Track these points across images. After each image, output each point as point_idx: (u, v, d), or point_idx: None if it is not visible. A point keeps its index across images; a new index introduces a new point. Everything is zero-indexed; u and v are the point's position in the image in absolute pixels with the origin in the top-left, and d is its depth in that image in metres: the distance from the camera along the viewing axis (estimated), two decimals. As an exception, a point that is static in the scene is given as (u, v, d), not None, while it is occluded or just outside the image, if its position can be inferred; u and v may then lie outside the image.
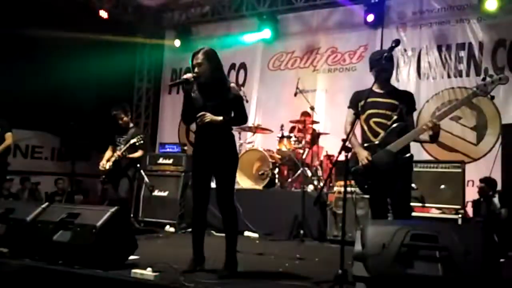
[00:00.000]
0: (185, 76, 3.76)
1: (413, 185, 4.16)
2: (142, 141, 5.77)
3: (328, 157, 7.13)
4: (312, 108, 7.24)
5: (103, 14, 8.99)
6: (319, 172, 7.06)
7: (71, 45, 8.37)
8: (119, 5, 9.44)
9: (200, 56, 3.75)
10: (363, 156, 3.74)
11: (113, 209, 3.80)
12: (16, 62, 7.86)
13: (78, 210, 3.86)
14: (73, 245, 3.65)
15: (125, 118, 6.04)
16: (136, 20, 9.78)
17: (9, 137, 6.47)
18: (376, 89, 3.81)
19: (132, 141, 5.75)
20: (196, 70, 3.74)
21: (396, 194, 3.72)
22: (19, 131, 7.57)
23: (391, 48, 3.74)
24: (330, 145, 7.29)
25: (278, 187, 6.98)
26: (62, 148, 9.11)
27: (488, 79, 3.57)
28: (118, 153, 5.77)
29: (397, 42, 3.76)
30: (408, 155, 3.74)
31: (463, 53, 7.59)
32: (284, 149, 7.12)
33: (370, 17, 8.02)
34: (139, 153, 5.95)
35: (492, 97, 3.70)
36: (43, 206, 3.98)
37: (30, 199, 8.40)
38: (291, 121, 7.55)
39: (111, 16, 9.16)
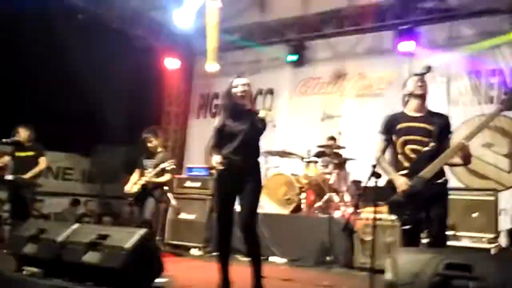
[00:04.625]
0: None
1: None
2: (173, 167, 5.83)
3: (356, 182, 7.05)
4: (339, 133, 7.21)
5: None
6: (346, 198, 6.98)
7: (103, 68, 8.59)
8: (152, 31, 9.69)
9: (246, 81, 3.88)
10: (402, 181, 3.56)
11: (141, 231, 3.82)
12: (49, 84, 8.09)
13: (107, 232, 3.89)
14: (102, 266, 3.67)
15: (154, 142, 6.12)
16: (167, 45, 10.00)
17: (43, 162, 6.63)
18: (410, 112, 3.71)
19: (162, 165, 5.81)
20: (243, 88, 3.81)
21: (432, 222, 3.55)
22: (50, 153, 7.72)
23: (423, 74, 3.71)
24: (357, 171, 7.21)
25: (305, 212, 6.92)
26: (92, 170, 9.27)
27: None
28: (148, 177, 5.83)
29: (428, 69, 3.70)
30: (442, 179, 3.60)
31: (494, 79, 7.49)
32: (311, 174, 7.07)
33: (402, 48, 7.95)
34: (167, 178, 6.01)
35: None
36: (74, 227, 4.03)
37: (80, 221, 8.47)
38: (318, 146, 7.52)
39: (143, 42, 9.39)
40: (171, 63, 10.19)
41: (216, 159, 3.79)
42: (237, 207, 3.88)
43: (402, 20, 8.04)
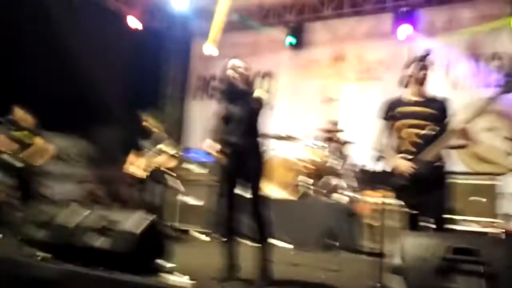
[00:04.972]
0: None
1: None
2: (181, 153, 5.84)
3: (359, 166, 7.07)
4: (334, 123, 7.19)
5: (132, 22, 9.13)
6: (352, 182, 6.98)
7: (99, 48, 8.50)
8: (148, 12, 9.58)
9: (241, 63, 3.88)
10: (406, 165, 3.60)
11: (151, 217, 3.87)
12: (45, 65, 7.99)
13: (117, 217, 3.92)
14: (113, 251, 3.72)
15: (150, 121, 6.12)
16: (164, 26, 9.91)
17: (49, 147, 6.60)
18: (410, 96, 3.74)
19: (171, 152, 5.82)
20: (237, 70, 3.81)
21: (436, 204, 3.59)
22: (55, 137, 7.67)
23: (422, 58, 3.72)
24: (356, 155, 7.27)
25: (312, 197, 6.91)
26: (97, 154, 9.20)
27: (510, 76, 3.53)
28: (156, 164, 5.83)
29: (427, 52, 3.73)
30: (440, 162, 3.62)
31: (493, 64, 7.52)
32: (315, 158, 7.05)
33: (406, 30, 7.93)
34: (174, 163, 6.02)
35: None
36: (85, 213, 4.06)
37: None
38: (319, 129, 7.53)
39: (139, 22, 9.31)
40: (168, 44, 10.12)
41: (210, 144, 3.81)
42: (242, 191, 3.87)
43: (401, 2, 8.02)
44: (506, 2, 7.29)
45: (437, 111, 3.69)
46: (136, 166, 5.94)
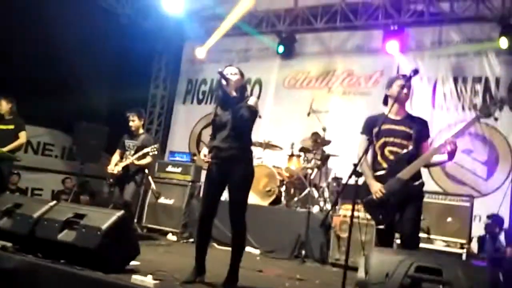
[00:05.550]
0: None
1: (421, 216, 4.11)
2: (155, 152, 5.82)
3: (336, 179, 7.11)
4: (324, 129, 7.24)
5: (124, 21, 9.14)
6: (326, 194, 7.04)
7: (89, 46, 8.47)
8: (140, 12, 9.57)
9: (236, 69, 3.89)
10: (377, 188, 3.66)
11: (119, 213, 3.81)
12: (33, 58, 7.94)
13: (84, 211, 3.87)
14: (77, 245, 3.65)
15: (137, 122, 6.11)
16: (156, 27, 9.90)
17: (23, 136, 6.55)
18: (391, 115, 3.77)
19: (146, 150, 5.80)
20: (230, 78, 3.80)
21: (405, 222, 3.62)
22: (31, 127, 7.63)
23: (409, 77, 3.74)
24: (339, 168, 7.28)
25: (284, 205, 6.96)
26: (73, 148, 9.15)
27: (490, 101, 3.60)
28: (130, 160, 5.83)
29: (415, 72, 3.74)
30: (419, 182, 3.66)
31: (479, 87, 7.58)
32: (293, 167, 7.12)
33: (393, 46, 7.98)
34: (148, 160, 6.01)
35: (496, 119, 3.68)
36: (51, 204, 4.00)
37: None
38: (302, 140, 7.55)
39: (132, 23, 9.29)
40: (160, 45, 10.11)
41: (204, 152, 3.82)
42: (223, 197, 3.89)
43: (392, 20, 8.10)
44: (493, 26, 7.36)
45: (415, 131, 3.72)
46: (116, 164, 5.91)
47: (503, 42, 7.15)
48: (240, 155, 3.79)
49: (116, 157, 6.09)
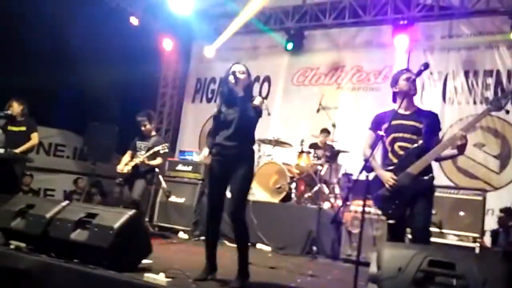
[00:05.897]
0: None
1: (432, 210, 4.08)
2: (166, 150, 5.87)
3: (347, 175, 7.09)
4: (333, 125, 7.22)
5: (134, 21, 9.18)
6: (337, 190, 7.02)
7: (99, 47, 8.52)
8: (149, 13, 9.61)
9: (244, 68, 3.87)
10: (388, 176, 3.62)
11: (131, 212, 3.83)
12: (45, 60, 8.01)
13: (96, 211, 3.89)
14: (90, 245, 3.68)
15: (148, 126, 6.18)
16: (165, 27, 9.93)
17: (35, 137, 6.61)
18: (400, 110, 3.73)
19: (156, 149, 5.85)
20: (238, 77, 3.79)
21: (416, 217, 3.59)
22: (43, 129, 7.70)
23: (420, 72, 3.71)
24: (349, 164, 7.25)
25: (294, 202, 6.96)
26: (84, 148, 9.23)
27: (501, 94, 3.55)
28: (140, 159, 5.88)
29: (426, 66, 3.70)
30: (429, 176, 3.62)
31: (490, 80, 7.50)
32: (303, 164, 7.10)
33: (402, 40, 7.95)
34: (158, 161, 6.09)
35: (507, 112, 3.65)
36: (63, 204, 4.03)
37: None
38: (312, 136, 7.54)
39: (141, 22, 9.33)
40: (168, 45, 10.14)
41: (204, 153, 3.84)
42: (228, 193, 3.90)
43: (401, 15, 8.04)
44: (505, 19, 7.27)
45: (425, 125, 3.68)
46: (126, 164, 5.98)
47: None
48: (244, 154, 3.80)
49: (126, 157, 6.15)
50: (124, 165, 5.99)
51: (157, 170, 6.20)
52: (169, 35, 10.09)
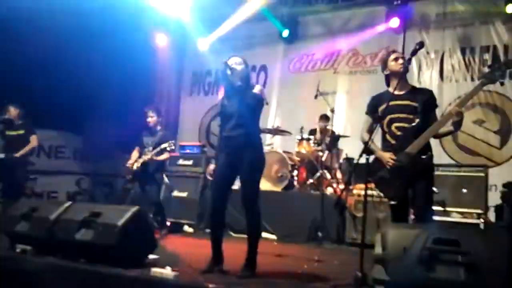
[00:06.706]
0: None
1: (434, 188, 4.08)
2: (173, 147, 5.90)
3: (348, 160, 7.09)
4: (332, 111, 7.20)
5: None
6: (339, 175, 7.02)
7: (93, 44, 8.48)
8: (142, 6, 9.52)
9: (240, 59, 3.88)
10: (387, 157, 3.63)
11: (134, 209, 3.84)
12: (39, 62, 7.97)
13: (100, 209, 3.91)
14: (95, 243, 3.70)
15: (154, 118, 6.18)
16: (158, 22, 9.86)
17: (34, 140, 6.62)
18: (394, 91, 3.73)
19: (163, 146, 5.88)
20: (235, 68, 3.79)
21: (417, 196, 3.60)
22: (41, 131, 7.69)
23: (415, 51, 3.69)
24: (350, 148, 7.24)
25: (297, 189, 6.96)
26: (84, 148, 9.23)
27: (494, 66, 3.53)
28: (149, 156, 5.94)
29: (421, 45, 3.69)
30: (427, 155, 3.60)
31: (487, 56, 7.45)
32: (303, 151, 7.09)
33: (394, 22, 7.90)
34: (165, 156, 6.14)
35: (502, 83, 3.62)
36: (66, 205, 4.04)
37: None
38: (311, 122, 7.52)
39: (133, 19, 9.26)
40: (162, 40, 10.08)
41: (210, 169, 3.88)
42: (236, 185, 3.91)
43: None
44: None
45: (420, 103, 3.66)
46: (136, 161, 6.04)
47: (510, 8, 7.01)
48: (249, 142, 3.80)
49: (135, 154, 6.22)
50: (134, 161, 6.04)
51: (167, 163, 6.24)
52: (162, 31, 10.03)
